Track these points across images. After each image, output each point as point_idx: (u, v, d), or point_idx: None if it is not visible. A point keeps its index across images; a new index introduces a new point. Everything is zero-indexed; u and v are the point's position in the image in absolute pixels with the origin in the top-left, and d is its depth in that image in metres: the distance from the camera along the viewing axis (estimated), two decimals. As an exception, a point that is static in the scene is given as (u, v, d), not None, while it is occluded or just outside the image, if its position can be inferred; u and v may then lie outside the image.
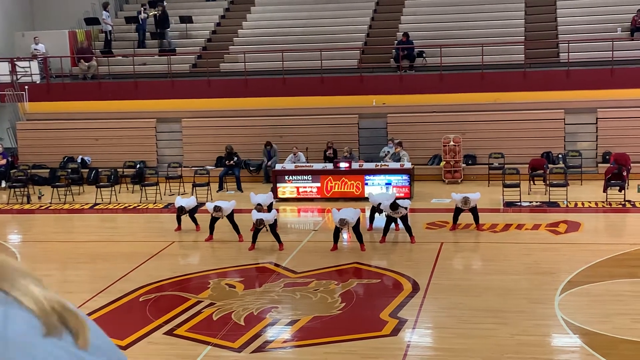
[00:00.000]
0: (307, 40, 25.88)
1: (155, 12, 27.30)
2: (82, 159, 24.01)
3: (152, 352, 10.11)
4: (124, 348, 10.22)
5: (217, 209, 15.55)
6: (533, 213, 17.77)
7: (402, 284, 12.64)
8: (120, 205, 20.28)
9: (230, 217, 15.77)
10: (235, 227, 15.76)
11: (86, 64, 26.00)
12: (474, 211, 16.04)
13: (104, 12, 27.34)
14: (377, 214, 16.27)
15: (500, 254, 14.30)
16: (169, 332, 10.77)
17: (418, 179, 20.59)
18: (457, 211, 16.09)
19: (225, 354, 9.99)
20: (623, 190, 18.58)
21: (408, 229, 15.28)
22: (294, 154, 21.24)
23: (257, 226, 14.80)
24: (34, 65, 25.81)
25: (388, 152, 21.21)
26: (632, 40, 23.76)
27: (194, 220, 16.76)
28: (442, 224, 16.63)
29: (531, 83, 22.69)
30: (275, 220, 15.46)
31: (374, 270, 13.54)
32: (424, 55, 24.26)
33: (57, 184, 21.76)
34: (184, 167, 22.77)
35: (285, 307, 11.66)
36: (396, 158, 20.54)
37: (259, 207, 15.82)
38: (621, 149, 20.70)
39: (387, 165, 19.83)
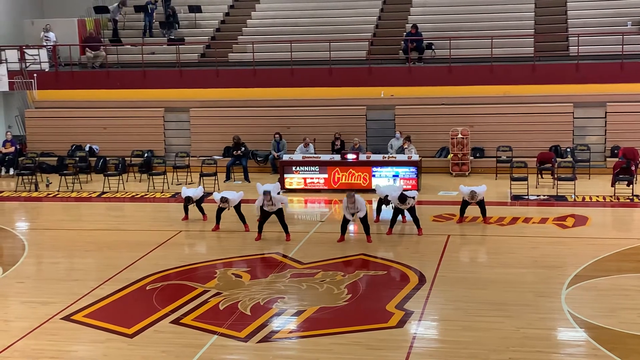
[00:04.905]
0: (315, 31, 25.84)
1: None
2: (90, 147, 24.07)
3: (159, 341, 10.15)
4: (131, 336, 10.28)
5: (224, 200, 15.57)
6: (540, 207, 17.74)
7: (408, 276, 12.65)
8: (127, 194, 20.34)
9: (237, 207, 15.79)
10: (242, 217, 15.79)
11: (92, 52, 25.97)
12: (481, 204, 16.04)
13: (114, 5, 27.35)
14: (384, 206, 16.28)
15: (507, 247, 14.28)
16: (176, 321, 10.82)
17: (425, 171, 20.57)
18: (464, 204, 16.09)
19: (231, 344, 10.03)
20: (631, 185, 18.54)
21: (416, 221, 15.29)
22: (305, 145, 21.23)
23: (263, 216, 14.85)
24: (43, 53, 25.82)
25: (393, 145, 21.24)
26: (642, 34, 23.64)
27: (201, 209, 16.81)
28: (449, 216, 16.63)
29: (540, 76, 22.61)
30: (282, 209, 15.43)
31: (381, 262, 13.55)
32: (433, 47, 24.19)
33: (65, 172, 21.84)
34: (192, 156, 22.81)
35: (291, 298, 11.68)
36: (400, 152, 20.53)
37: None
38: (630, 143, 20.66)
39: (395, 157, 19.81)
